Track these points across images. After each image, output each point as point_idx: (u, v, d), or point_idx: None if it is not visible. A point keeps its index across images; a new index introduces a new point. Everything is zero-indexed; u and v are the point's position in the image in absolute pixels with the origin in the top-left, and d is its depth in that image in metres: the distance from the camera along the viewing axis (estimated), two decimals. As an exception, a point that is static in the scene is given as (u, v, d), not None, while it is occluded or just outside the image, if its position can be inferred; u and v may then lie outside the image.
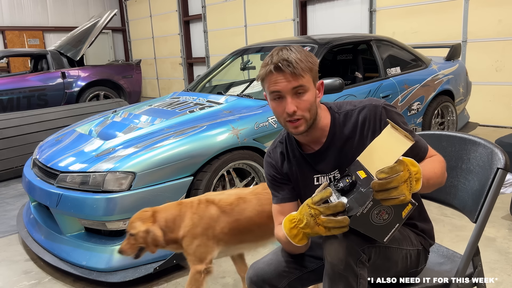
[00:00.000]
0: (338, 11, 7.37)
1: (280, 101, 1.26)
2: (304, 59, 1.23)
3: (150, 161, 2.39)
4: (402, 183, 1.05)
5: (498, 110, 5.69)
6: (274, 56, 1.24)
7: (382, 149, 1.15)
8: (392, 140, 1.13)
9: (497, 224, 2.85)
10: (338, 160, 1.33)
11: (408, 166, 1.07)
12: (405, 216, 1.14)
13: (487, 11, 5.52)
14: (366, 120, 1.31)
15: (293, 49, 1.25)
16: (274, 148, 1.45)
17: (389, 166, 1.05)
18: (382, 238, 1.14)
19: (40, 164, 2.81)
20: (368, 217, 1.10)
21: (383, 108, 1.30)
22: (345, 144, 1.32)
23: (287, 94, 1.23)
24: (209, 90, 4.03)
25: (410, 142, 1.08)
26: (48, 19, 11.54)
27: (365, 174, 1.15)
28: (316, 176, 1.37)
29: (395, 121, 1.29)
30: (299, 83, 1.22)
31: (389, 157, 1.09)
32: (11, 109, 6.77)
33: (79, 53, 7.48)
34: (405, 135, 1.10)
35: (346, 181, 1.16)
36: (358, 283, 1.16)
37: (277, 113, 1.29)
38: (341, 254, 1.14)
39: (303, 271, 1.40)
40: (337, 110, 1.36)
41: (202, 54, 10.32)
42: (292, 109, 1.23)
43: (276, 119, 1.34)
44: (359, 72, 3.88)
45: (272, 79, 1.23)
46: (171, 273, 2.47)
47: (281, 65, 1.21)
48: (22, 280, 2.49)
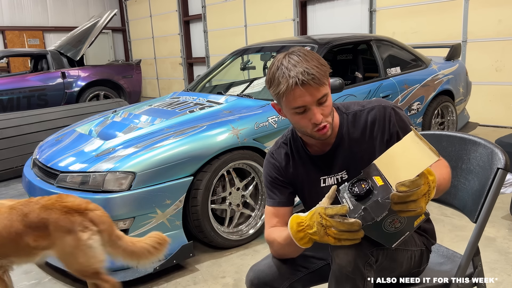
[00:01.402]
0: (338, 11, 7.37)
1: (304, 114, 1.22)
2: (319, 65, 1.19)
3: (150, 161, 2.39)
4: (421, 196, 1.04)
5: (498, 110, 5.68)
6: (291, 69, 1.17)
7: (403, 158, 1.11)
8: (415, 151, 1.08)
9: (497, 224, 2.85)
10: (347, 161, 1.32)
11: (428, 179, 1.05)
12: (417, 225, 1.12)
13: (487, 11, 5.51)
14: (376, 121, 1.30)
15: (302, 56, 1.20)
16: (278, 149, 1.43)
17: (410, 180, 1.02)
18: (390, 244, 1.14)
19: (40, 164, 2.81)
20: (381, 225, 1.09)
21: (392, 109, 1.30)
22: (353, 145, 1.31)
23: (312, 105, 1.20)
24: (209, 90, 4.03)
25: (436, 157, 1.02)
26: (48, 19, 11.54)
27: (382, 182, 1.11)
28: (323, 177, 1.36)
29: (404, 122, 1.29)
30: (323, 93, 1.20)
31: (412, 169, 1.04)
32: (11, 109, 6.77)
33: (79, 53, 7.48)
34: (430, 147, 1.04)
35: (362, 187, 1.12)
36: (365, 285, 1.16)
37: (302, 125, 1.25)
38: (350, 256, 1.13)
39: (305, 272, 1.39)
40: (345, 111, 1.35)
41: (202, 54, 10.32)
42: (320, 118, 1.20)
43: (297, 130, 1.30)
44: (359, 72, 3.88)
45: (296, 94, 1.18)
46: (171, 273, 2.47)
47: (306, 80, 1.16)
48: (22, 280, 2.49)
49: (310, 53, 1.22)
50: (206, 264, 2.55)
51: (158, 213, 2.38)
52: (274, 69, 1.22)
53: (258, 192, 2.87)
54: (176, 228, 2.46)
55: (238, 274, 2.42)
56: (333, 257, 1.17)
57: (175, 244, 2.43)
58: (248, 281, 1.37)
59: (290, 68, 1.18)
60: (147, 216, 2.36)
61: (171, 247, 2.41)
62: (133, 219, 2.34)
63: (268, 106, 2.99)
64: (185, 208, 2.52)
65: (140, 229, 2.36)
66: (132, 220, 2.34)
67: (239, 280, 2.36)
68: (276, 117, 2.89)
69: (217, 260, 2.59)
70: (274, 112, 2.91)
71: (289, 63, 1.19)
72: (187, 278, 2.42)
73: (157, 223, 2.39)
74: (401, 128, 1.28)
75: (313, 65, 1.18)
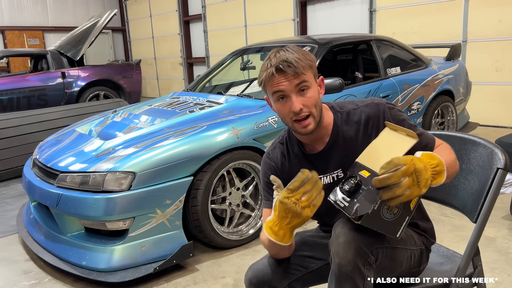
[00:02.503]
0: (338, 11, 7.37)
1: (284, 102, 1.25)
2: (303, 58, 1.24)
3: (150, 161, 2.39)
4: (403, 178, 1.05)
5: (498, 110, 5.69)
6: (272, 59, 1.24)
7: (384, 149, 1.15)
8: (394, 140, 1.13)
9: (497, 224, 2.85)
10: (342, 159, 1.33)
11: (414, 161, 1.07)
12: (413, 208, 1.15)
13: (487, 11, 5.52)
14: (370, 118, 1.31)
15: (290, 49, 1.25)
16: (274, 149, 1.44)
17: (386, 161, 1.06)
18: (395, 234, 1.15)
19: (40, 164, 2.81)
20: (380, 213, 1.11)
21: (385, 105, 1.31)
22: (348, 143, 1.32)
23: (291, 93, 1.23)
24: (209, 90, 4.03)
25: (414, 139, 1.08)
26: (48, 19, 11.54)
27: (368, 173, 1.15)
28: (319, 176, 1.36)
29: (398, 118, 1.30)
30: (302, 79, 1.23)
31: (393, 155, 1.09)
32: (11, 109, 6.77)
33: (79, 53, 7.47)
34: (408, 133, 1.10)
35: (351, 182, 1.15)
36: (364, 284, 1.16)
37: (283, 114, 1.28)
38: (349, 255, 1.13)
39: (304, 272, 1.39)
40: (339, 109, 1.36)
41: (202, 54, 10.32)
42: (298, 106, 1.23)
43: (283, 121, 1.32)
44: (359, 72, 3.88)
45: (275, 81, 1.24)
46: (171, 273, 2.47)
47: (282, 66, 1.21)
48: (22, 280, 2.49)
49: (299, 49, 1.27)
50: (206, 264, 2.55)
51: (158, 213, 2.38)
52: (262, 64, 1.29)
53: (258, 192, 2.87)
54: (176, 228, 2.46)
55: (238, 274, 2.42)
56: (332, 257, 1.17)
57: (175, 244, 2.43)
58: (247, 280, 1.37)
59: (272, 58, 1.25)
60: (147, 216, 2.36)
61: (171, 247, 2.42)
62: (133, 219, 2.34)
63: (268, 106, 2.99)
64: (185, 208, 2.52)
65: (140, 229, 2.36)
66: (132, 220, 2.34)
67: (239, 280, 2.36)
68: (276, 117, 2.89)
69: (217, 260, 2.60)
70: (274, 112, 2.91)
71: (275, 56, 1.25)
72: (187, 278, 2.42)
73: (157, 223, 2.39)
74: (396, 123, 1.29)
75: (295, 56, 1.23)
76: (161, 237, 2.41)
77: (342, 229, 1.18)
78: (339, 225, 1.20)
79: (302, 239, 1.47)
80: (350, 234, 1.15)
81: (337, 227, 1.20)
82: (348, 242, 1.15)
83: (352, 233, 1.15)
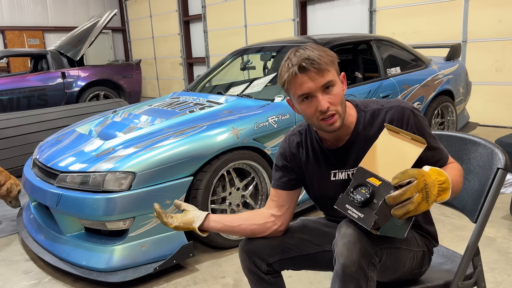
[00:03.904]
0: (338, 11, 7.37)
1: (309, 101, 1.22)
2: (324, 54, 1.20)
3: (150, 161, 2.39)
4: (416, 193, 1.05)
5: (498, 110, 5.69)
6: (292, 58, 1.20)
7: (389, 154, 1.13)
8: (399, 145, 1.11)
9: (497, 224, 2.85)
10: (360, 158, 1.31)
11: (425, 176, 1.06)
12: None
13: (487, 11, 5.52)
14: (394, 121, 1.28)
15: (309, 47, 1.21)
16: (292, 135, 1.44)
17: (401, 171, 1.05)
18: (403, 235, 1.15)
19: (40, 164, 2.81)
20: (394, 221, 1.12)
21: (411, 111, 1.28)
22: (368, 143, 1.30)
23: (316, 92, 1.20)
24: (209, 90, 4.03)
25: (423, 145, 1.05)
26: (48, 19, 11.54)
27: (378, 181, 1.13)
28: (334, 171, 1.36)
29: (420, 126, 1.27)
30: (327, 79, 1.19)
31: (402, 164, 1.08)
32: (11, 109, 6.77)
33: (79, 53, 7.47)
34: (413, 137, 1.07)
35: (363, 192, 1.13)
36: (368, 285, 1.16)
37: (309, 114, 1.24)
38: (354, 256, 1.13)
39: (298, 253, 1.41)
40: (363, 108, 1.34)
41: (202, 54, 10.32)
42: (326, 105, 1.19)
43: (308, 121, 1.29)
44: (359, 72, 3.88)
45: (298, 82, 1.20)
46: (171, 273, 2.47)
47: (305, 64, 1.17)
48: (22, 280, 2.49)
49: (317, 45, 1.23)
50: (206, 264, 2.55)
51: (158, 213, 2.38)
52: (281, 64, 1.25)
53: (258, 192, 2.87)
54: (176, 228, 2.46)
55: (238, 274, 2.42)
56: (337, 257, 1.17)
57: (175, 244, 2.43)
58: (240, 247, 1.41)
59: (293, 58, 1.20)
60: (147, 216, 2.36)
61: (171, 247, 2.42)
62: (133, 219, 2.34)
63: (268, 106, 2.99)
64: (185, 208, 2.51)
65: (140, 229, 2.36)
66: (132, 220, 2.34)
67: (239, 280, 2.36)
68: (276, 117, 2.89)
69: (217, 260, 2.59)
70: (274, 112, 2.91)
71: (294, 55, 1.21)
72: (187, 278, 2.42)
73: (157, 223, 2.39)
74: (418, 131, 1.26)
75: (316, 53, 1.19)
76: (161, 237, 2.41)
77: (346, 230, 1.18)
78: (344, 225, 1.20)
79: (304, 223, 1.48)
80: (355, 235, 1.15)
81: (342, 227, 1.20)
82: (353, 243, 1.14)
83: (357, 234, 1.15)
